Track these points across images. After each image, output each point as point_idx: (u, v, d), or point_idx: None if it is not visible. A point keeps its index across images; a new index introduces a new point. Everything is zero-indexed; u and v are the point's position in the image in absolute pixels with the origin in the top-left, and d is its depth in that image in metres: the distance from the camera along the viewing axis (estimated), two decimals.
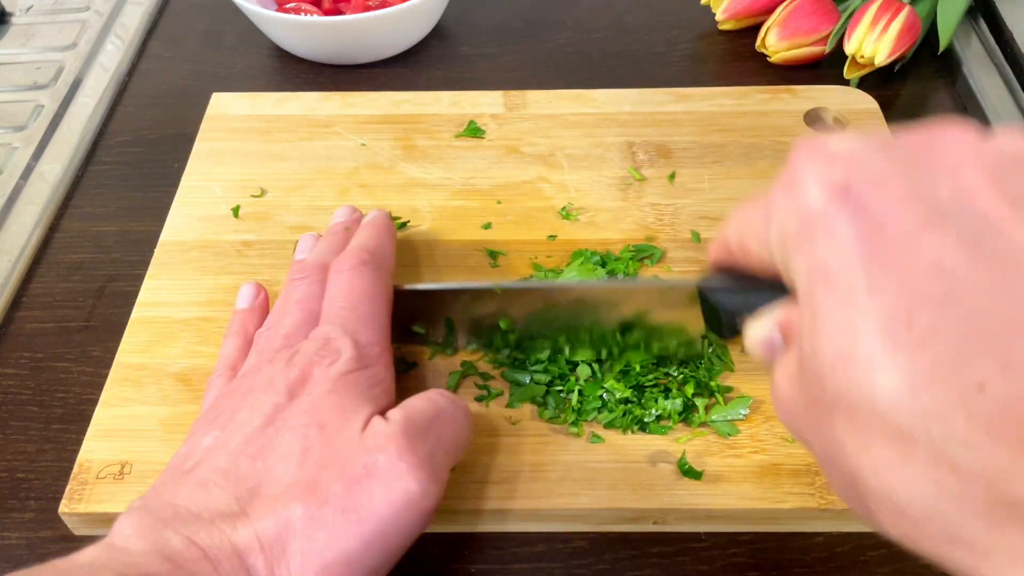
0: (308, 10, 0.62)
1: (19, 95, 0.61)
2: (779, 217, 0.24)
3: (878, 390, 0.20)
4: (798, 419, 0.25)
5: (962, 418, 0.19)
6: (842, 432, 0.22)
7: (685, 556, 0.37)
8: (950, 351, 0.19)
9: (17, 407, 0.43)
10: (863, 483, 0.22)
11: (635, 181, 0.50)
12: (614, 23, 0.67)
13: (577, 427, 0.39)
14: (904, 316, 0.20)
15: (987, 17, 0.63)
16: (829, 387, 0.21)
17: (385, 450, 0.31)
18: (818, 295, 0.22)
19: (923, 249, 0.20)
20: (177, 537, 0.29)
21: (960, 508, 0.19)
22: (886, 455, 0.20)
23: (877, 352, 0.20)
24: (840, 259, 0.21)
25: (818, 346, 0.22)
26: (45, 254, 0.50)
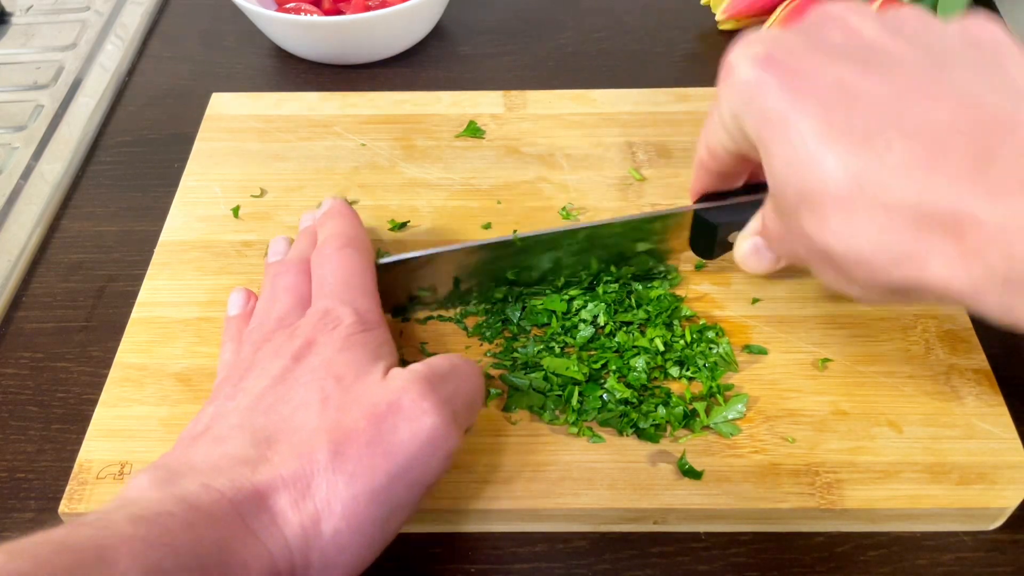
0: (308, 10, 0.62)
1: (19, 95, 0.61)
2: (726, 100, 0.32)
3: (820, 175, 0.28)
4: (784, 240, 0.33)
5: (882, 170, 0.27)
6: (807, 222, 0.29)
7: (685, 556, 0.37)
8: (862, 132, 0.27)
9: (17, 407, 0.43)
10: (832, 252, 0.29)
11: (635, 181, 0.50)
12: (614, 23, 0.67)
13: (577, 427, 0.39)
14: (826, 120, 0.28)
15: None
16: (790, 194, 0.29)
17: (408, 391, 0.32)
18: (764, 134, 0.30)
19: (829, 75, 0.29)
20: (194, 484, 0.29)
21: (898, 234, 0.27)
22: (839, 221, 0.28)
23: (813, 151, 0.28)
24: (773, 102, 0.29)
25: (776, 168, 0.30)
26: (45, 254, 0.50)
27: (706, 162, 0.37)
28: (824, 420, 0.39)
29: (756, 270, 0.38)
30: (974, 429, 0.39)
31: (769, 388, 0.40)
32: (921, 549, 0.37)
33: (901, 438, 0.38)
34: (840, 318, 0.43)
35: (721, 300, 0.44)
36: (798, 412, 0.40)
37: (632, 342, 0.41)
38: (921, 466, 0.37)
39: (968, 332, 0.42)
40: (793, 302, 0.44)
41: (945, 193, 0.26)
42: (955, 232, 0.26)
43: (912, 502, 0.36)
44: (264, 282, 0.42)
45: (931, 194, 0.26)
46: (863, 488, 0.37)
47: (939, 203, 0.26)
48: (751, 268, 0.38)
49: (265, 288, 0.41)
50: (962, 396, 0.40)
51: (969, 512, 0.37)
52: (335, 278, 0.38)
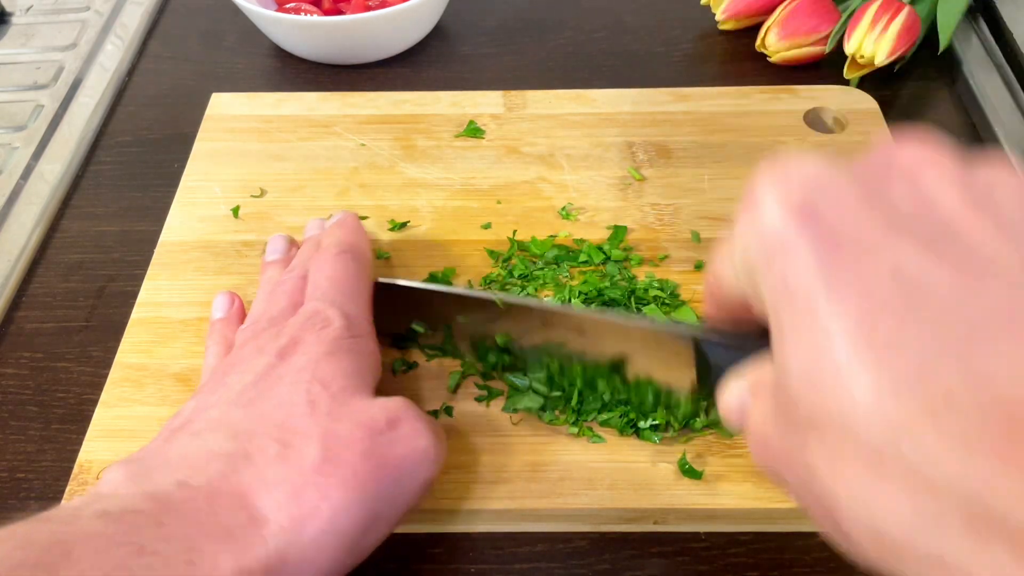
0: (308, 10, 0.62)
1: (19, 95, 0.61)
2: (743, 243, 0.23)
3: (845, 404, 0.19)
4: (772, 454, 0.24)
5: (931, 431, 0.18)
6: (814, 455, 0.21)
7: (685, 556, 0.37)
8: (914, 360, 0.18)
9: (17, 407, 0.43)
10: (839, 508, 0.20)
11: (635, 181, 0.50)
12: (614, 23, 0.67)
13: (577, 427, 0.39)
14: (867, 325, 0.19)
15: (987, 17, 0.63)
16: (802, 408, 0.21)
17: (404, 412, 0.32)
18: (782, 312, 0.21)
19: (883, 257, 0.20)
20: (168, 480, 0.28)
21: (939, 528, 0.18)
22: (858, 475, 0.19)
23: (843, 364, 0.19)
24: (800, 274, 0.21)
25: (788, 365, 0.21)
26: (45, 254, 0.50)
27: (713, 291, 0.28)
28: None
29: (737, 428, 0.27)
30: None
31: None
32: None
33: None
34: None
35: None
36: None
37: None
38: None
39: None
40: None
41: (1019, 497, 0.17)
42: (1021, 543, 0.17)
43: None
44: (261, 280, 0.42)
45: (1000, 491, 0.17)
46: None
47: (1011, 508, 0.17)
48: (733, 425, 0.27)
49: (261, 289, 0.41)
50: None
51: None
52: (328, 281, 0.38)
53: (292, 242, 0.45)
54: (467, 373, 0.41)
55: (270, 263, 0.43)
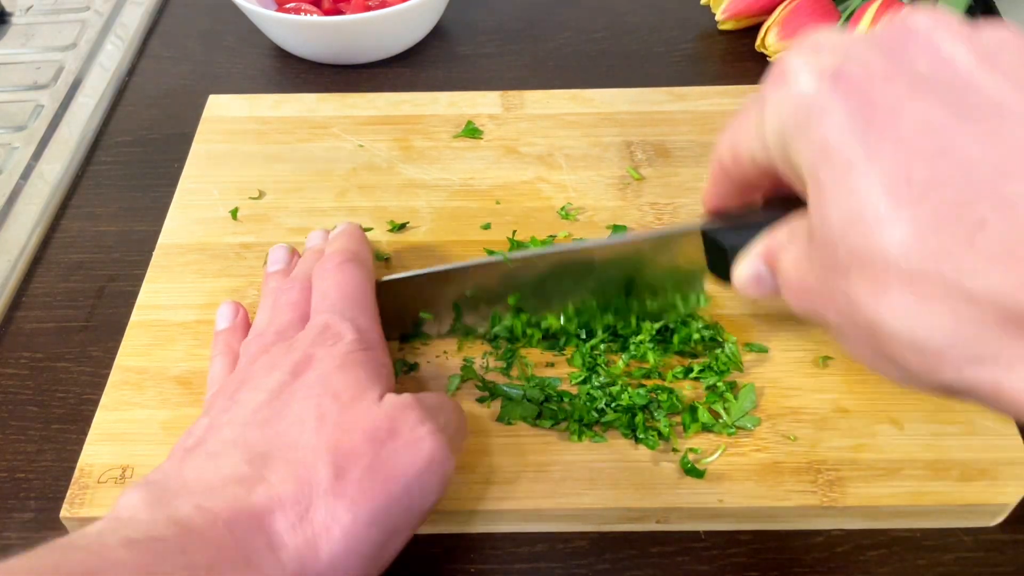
0: (308, 10, 0.62)
1: (19, 95, 0.61)
2: (774, 110, 0.26)
3: (888, 242, 0.22)
4: (811, 296, 0.27)
5: (969, 252, 0.21)
6: (857, 289, 0.24)
7: (685, 556, 0.37)
8: (950, 198, 0.22)
9: (17, 407, 0.43)
10: (883, 331, 0.24)
11: (634, 180, 0.50)
12: (614, 23, 0.67)
13: (577, 433, 0.39)
14: (904, 174, 0.22)
15: (987, 17, 0.63)
16: (842, 250, 0.24)
17: (407, 416, 0.32)
18: (821, 171, 0.24)
19: (912, 114, 0.23)
20: (187, 505, 0.28)
21: (978, 330, 0.22)
22: (903, 298, 0.23)
23: (883, 209, 0.22)
24: (838, 135, 0.23)
25: (828, 215, 0.24)
26: (45, 254, 0.50)
27: (728, 167, 0.31)
28: (825, 418, 0.39)
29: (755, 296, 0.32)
30: (975, 426, 0.39)
31: (770, 386, 0.40)
32: (921, 549, 0.37)
33: (902, 435, 0.38)
34: None
35: (721, 299, 0.44)
36: (799, 410, 0.39)
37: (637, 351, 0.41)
38: (922, 463, 0.37)
39: None
40: None
41: None
42: None
43: (914, 499, 0.36)
44: (263, 292, 0.42)
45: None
46: (865, 485, 0.37)
47: None
48: (750, 295, 0.32)
49: (265, 300, 0.41)
50: None
51: (970, 508, 0.37)
52: (336, 292, 0.37)
53: (293, 251, 0.45)
54: (467, 377, 0.41)
55: (272, 273, 0.43)
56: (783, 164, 0.27)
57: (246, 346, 0.38)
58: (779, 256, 0.29)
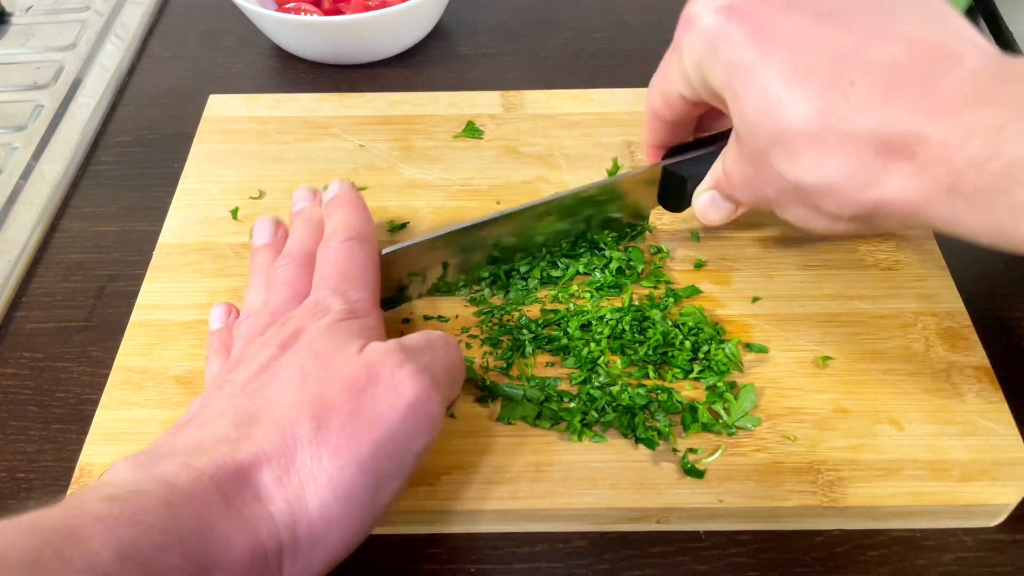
0: (308, 10, 0.62)
1: (19, 95, 0.61)
2: (689, 49, 0.34)
3: (791, 116, 0.31)
4: (751, 183, 0.35)
5: (846, 105, 0.30)
6: (779, 161, 0.32)
7: (685, 556, 0.37)
8: (826, 71, 0.31)
9: (17, 407, 0.43)
10: (803, 186, 0.32)
11: None
12: (614, 23, 0.67)
13: (577, 433, 0.39)
14: (791, 65, 0.31)
15: (987, 17, 0.63)
16: (761, 136, 0.32)
17: (385, 362, 0.32)
18: (733, 82, 0.33)
19: (790, 23, 0.32)
20: (173, 465, 0.28)
21: (862, 161, 0.30)
22: (810, 155, 0.31)
23: (782, 94, 0.31)
24: (739, 50, 0.32)
25: (745, 114, 0.33)
26: (45, 254, 0.50)
27: (660, 111, 0.39)
28: (825, 418, 0.39)
29: (714, 221, 0.40)
30: (975, 426, 0.39)
31: (770, 386, 0.40)
32: (921, 549, 0.37)
33: (902, 435, 0.38)
34: (840, 316, 0.43)
35: (721, 299, 0.44)
36: (799, 410, 0.39)
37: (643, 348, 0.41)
38: (922, 463, 0.37)
39: (968, 329, 0.42)
40: (793, 300, 0.44)
41: (900, 119, 0.29)
42: (909, 152, 0.29)
43: (914, 499, 0.36)
44: (252, 268, 0.42)
45: (889, 121, 0.29)
46: (865, 485, 0.37)
47: (895, 128, 0.29)
48: (710, 219, 0.40)
49: (255, 276, 0.41)
50: (962, 393, 0.40)
51: (970, 509, 0.37)
52: (334, 269, 0.38)
53: (279, 224, 0.44)
54: (467, 376, 0.41)
55: (260, 248, 0.43)
56: (705, 91, 0.35)
57: (237, 327, 0.38)
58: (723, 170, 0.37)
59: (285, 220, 0.49)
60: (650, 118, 0.41)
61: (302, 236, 0.41)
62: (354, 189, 0.43)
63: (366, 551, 0.37)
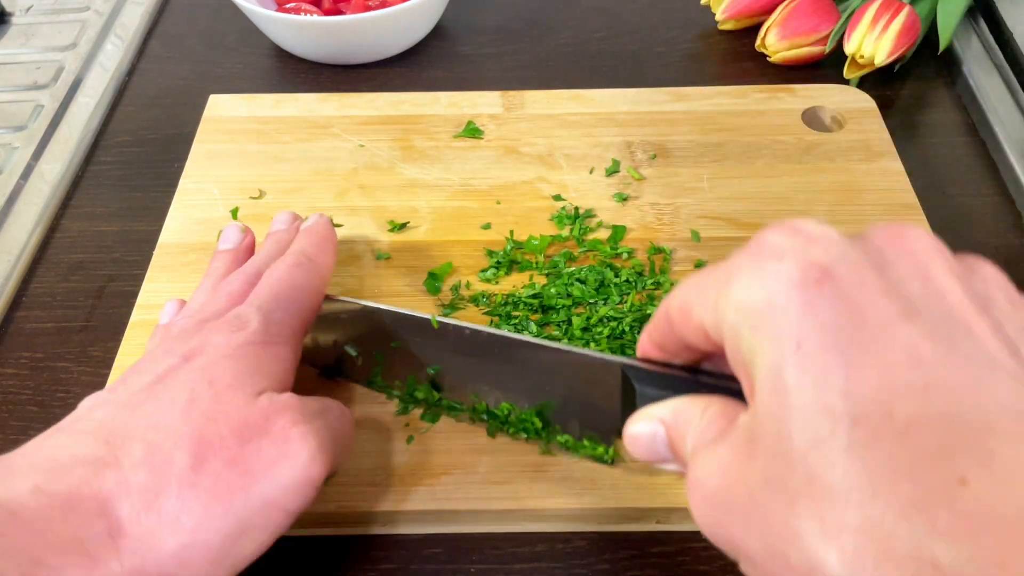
0: (308, 10, 0.62)
1: (19, 95, 0.61)
2: (744, 285, 0.22)
3: (858, 480, 0.19)
4: (732, 512, 0.22)
5: (944, 511, 0.18)
6: (804, 522, 0.20)
7: (685, 556, 0.37)
8: (932, 443, 0.19)
9: (17, 407, 0.43)
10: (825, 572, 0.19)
11: (634, 180, 0.50)
12: (614, 23, 0.67)
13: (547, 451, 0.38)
14: (886, 404, 0.19)
15: (987, 17, 0.63)
16: (799, 471, 0.20)
17: (281, 415, 0.31)
18: (789, 375, 0.21)
19: (901, 339, 0.20)
20: (23, 486, 0.27)
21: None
22: (858, 549, 0.19)
23: (857, 439, 0.19)
24: (818, 340, 0.20)
25: (787, 430, 0.20)
26: (45, 254, 0.50)
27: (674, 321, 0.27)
28: None
29: (639, 457, 0.28)
30: None
31: None
32: None
33: None
34: None
35: None
36: None
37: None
38: None
39: None
40: None
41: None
42: None
43: None
44: (208, 270, 0.41)
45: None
46: None
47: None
48: (636, 454, 0.28)
49: (206, 279, 0.40)
50: None
51: None
52: (269, 289, 0.36)
53: (247, 232, 0.44)
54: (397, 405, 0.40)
55: (220, 253, 0.42)
56: (733, 349, 0.23)
57: (173, 324, 0.37)
58: (697, 445, 0.25)
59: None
60: (659, 314, 0.28)
61: (264, 256, 0.40)
62: (329, 224, 0.42)
63: (366, 551, 0.37)
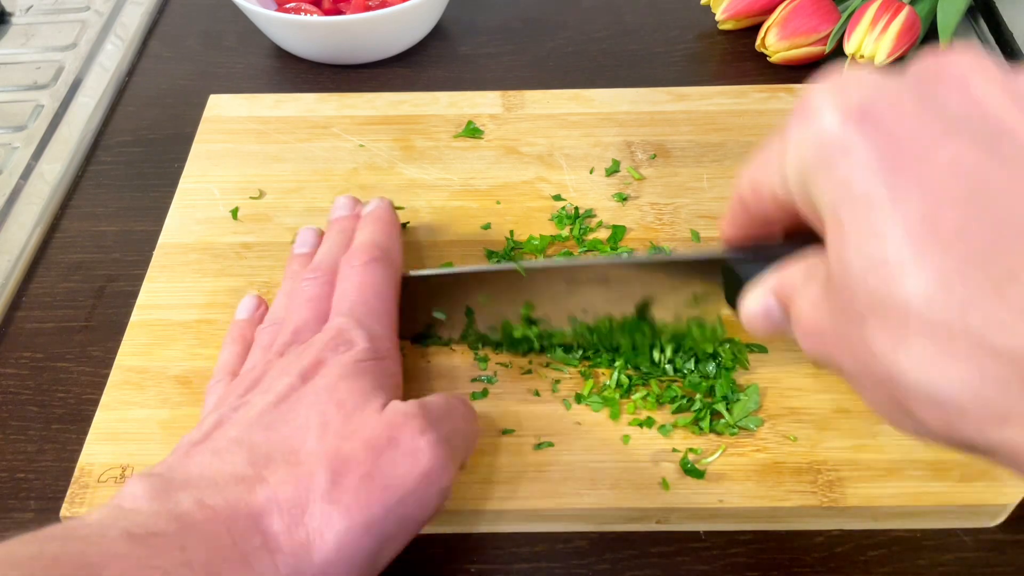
0: (308, 10, 0.62)
1: (19, 95, 0.61)
2: (797, 147, 0.25)
3: (911, 289, 0.21)
4: (826, 341, 0.25)
5: (998, 305, 0.20)
6: (876, 337, 0.22)
7: (685, 556, 0.37)
8: (980, 245, 0.20)
9: (17, 407, 0.43)
10: (902, 383, 0.22)
11: (634, 180, 0.50)
12: (614, 23, 0.67)
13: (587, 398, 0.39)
14: (931, 217, 0.21)
15: (987, 17, 0.63)
16: (861, 295, 0.22)
17: (408, 425, 0.32)
18: (843, 211, 0.23)
19: (942, 155, 0.21)
20: (188, 500, 0.29)
21: (1004, 388, 0.20)
22: (924, 350, 0.21)
23: (908, 254, 0.21)
24: (862, 174, 0.22)
25: (847, 259, 0.23)
26: (45, 254, 0.50)
27: (747, 200, 0.30)
28: (826, 418, 0.39)
29: (762, 332, 0.30)
30: None
31: (771, 386, 0.40)
32: (921, 549, 0.37)
33: (903, 435, 0.38)
34: None
35: None
36: (800, 410, 0.39)
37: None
38: (923, 463, 0.37)
39: None
40: None
41: None
42: None
43: (914, 499, 0.36)
44: (286, 273, 0.42)
45: None
46: (865, 486, 0.37)
47: None
48: (757, 330, 0.30)
49: (285, 283, 0.41)
50: None
51: (970, 509, 0.37)
52: (356, 294, 0.38)
53: (321, 234, 0.45)
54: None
55: (297, 256, 0.43)
56: (803, 203, 0.26)
57: (259, 334, 0.39)
58: (793, 294, 0.27)
59: (286, 219, 0.49)
60: (734, 202, 0.31)
61: (332, 247, 0.42)
62: (391, 208, 0.44)
63: None
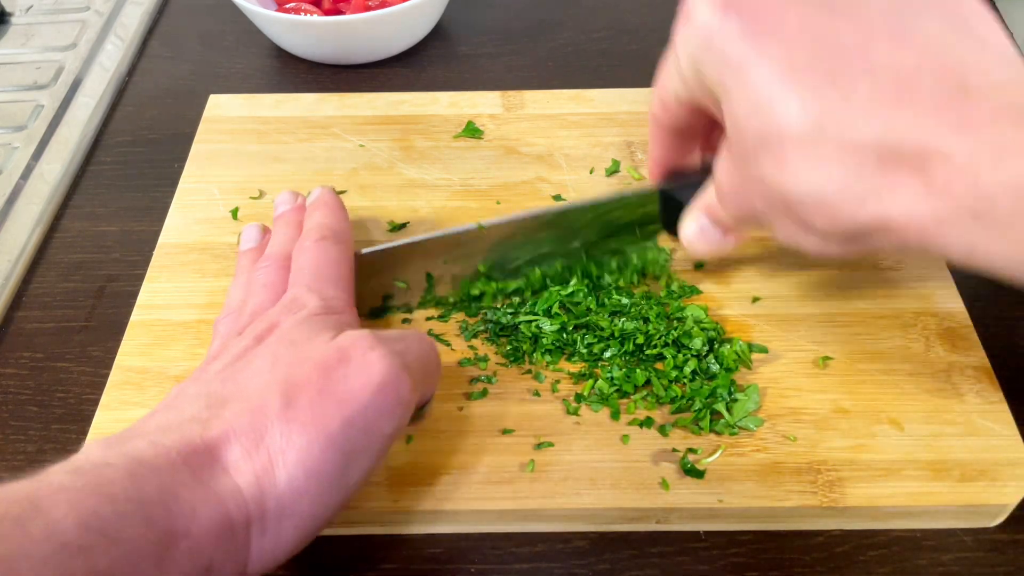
0: (308, 10, 0.62)
1: (19, 95, 0.61)
2: (684, 44, 0.31)
3: (783, 118, 0.27)
4: (739, 193, 0.32)
5: (846, 109, 0.26)
6: (766, 167, 0.29)
7: (685, 556, 0.37)
8: (826, 71, 0.27)
9: (17, 407, 0.43)
10: (792, 197, 0.28)
11: (634, 180, 0.50)
12: (614, 23, 0.67)
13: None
14: (789, 61, 0.27)
15: None
16: (751, 140, 0.29)
17: (357, 344, 0.32)
18: (725, 79, 0.29)
19: (792, 17, 0.28)
20: (142, 442, 0.29)
21: (861, 172, 0.27)
22: (800, 163, 0.27)
23: (777, 92, 0.27)
24: (733, 45, 0.29)
25: (737, 114, 0.29)
26: (45, 254, 0.50)
27: (659, 117, 0.36)
28: (825, 418, 0.39)
29: (702, 251, 0.37)
30: (975, 426, 0.39)
31: (770, 387, 0.40)
32: (921, 549, 0.37)
33: (902, 436, 0.38)
34: (840, 316, 0.43)
35: (721, 299, 0.44)
36: (799, 410, 0.39)
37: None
38: (922, 463, 0.37)
39: (968, 329, 0.42)
40: (793, 300, 0.44)
41: (911, 128, 0.26)
42: (921, 167, 0.26)
43: (914, 499, 0.36)
44: (237, 269, 0.43)
45: (896, 130, 0.26)
46: (865, 486, 0.37)
47: (905, 138, 0.26)
48: (698, 250, 0.37)
49: (239, 277, 0.42)
50: (962, 393, 0.40)
51: (970, 509, 0.37)
52: (308, 268, 0.38)
53: (266, 230, 0.45)
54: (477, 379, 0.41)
55: (245, 251, 0.44)
56: (701, 92, 0.31)
57: (218, 323, 0.39)
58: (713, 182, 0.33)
59: None
60: (652, 128, 0.38)
61: (281, 239, 0.42)
62: (333, 193, 0.44)
63: (366, 551, 0.37)
